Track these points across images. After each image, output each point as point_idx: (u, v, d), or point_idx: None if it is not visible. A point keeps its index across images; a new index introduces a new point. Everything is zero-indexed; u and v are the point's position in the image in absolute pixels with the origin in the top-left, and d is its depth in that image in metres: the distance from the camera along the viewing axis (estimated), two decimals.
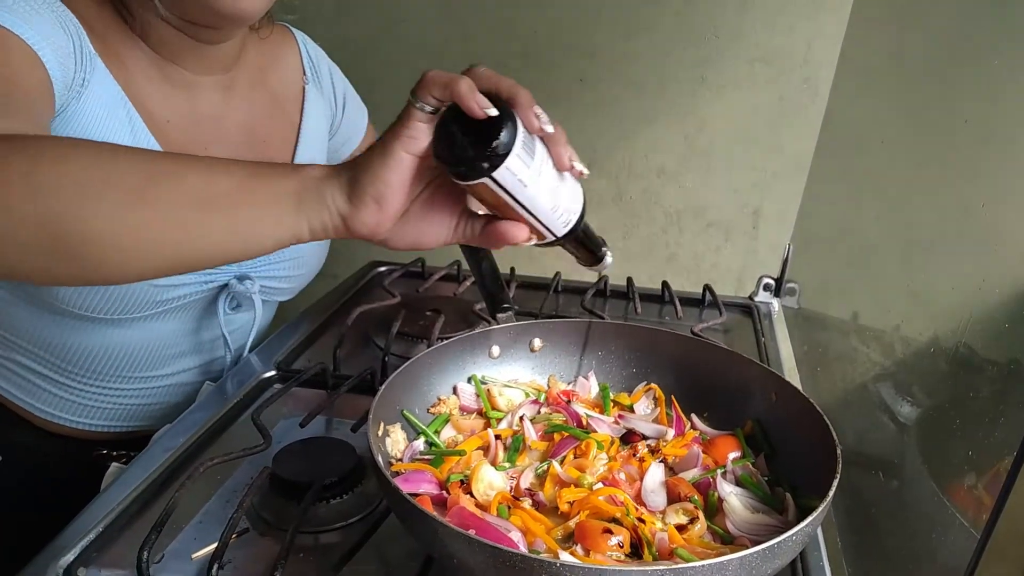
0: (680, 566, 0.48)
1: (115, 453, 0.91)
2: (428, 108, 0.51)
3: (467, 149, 0.51)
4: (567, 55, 1.47)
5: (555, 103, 1.48)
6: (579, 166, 0.57)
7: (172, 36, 0.78)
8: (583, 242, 0.62)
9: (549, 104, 1.09)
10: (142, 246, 0.51)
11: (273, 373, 0.90)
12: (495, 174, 0.51)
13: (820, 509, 0.52)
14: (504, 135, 0.50)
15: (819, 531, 0.66)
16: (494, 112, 0.50)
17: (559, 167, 0.56)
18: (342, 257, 1.62)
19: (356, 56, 1.50)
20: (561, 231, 0.59)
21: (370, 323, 1.02)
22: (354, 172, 0.53)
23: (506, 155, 0.51)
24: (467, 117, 0.50)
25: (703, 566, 0.47)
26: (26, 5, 0.67)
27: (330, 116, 1.01)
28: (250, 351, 0.96)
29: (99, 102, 0.74)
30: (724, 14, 1.39)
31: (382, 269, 1.23)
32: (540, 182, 0.54)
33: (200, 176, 0.52)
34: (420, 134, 0.52)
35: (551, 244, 0.61)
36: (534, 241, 0.60)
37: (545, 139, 0.55)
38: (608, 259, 0.65)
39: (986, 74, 0.69)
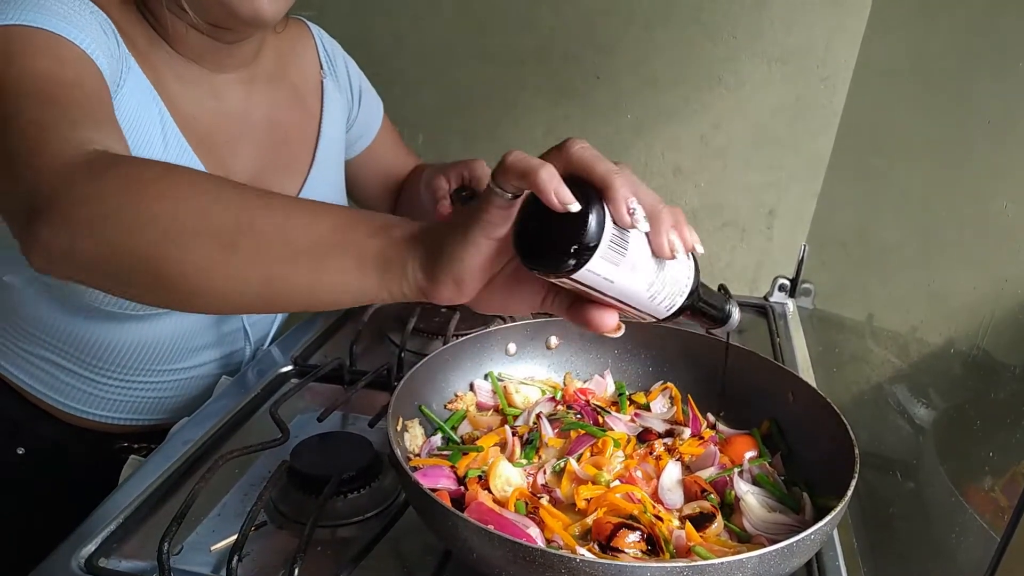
0: (699, 563, 0.48)
1: (135, 446, 0.93)
2: (508, 195, 0.45)
3: (545, 245, 0.45)
4: (584, 51, 1.47)
5: (571, 99, 1.49)
6: (691, 246, 0.50)
7: (194, 37, 0.80)
8: (698, 312, 0.55)
9: (566, 99, 1.10)
10: (231, 291, 0.51)
11: (290, 368, 0.90)
12: (575, 275, 0.45)
13: (839, 509, 0.52)
14: (588, 233, 0.44)
15: (835, 531, 0.66)
16: (576, 208, 0.44)
17: (659, 255, 0.48)
18: None
19: (372, 52, 1.50)
20: (663, 315, 0.52)
21: (386, 319, 1.02)
22: (433, 248, 0.49)
23: (589, 255, 0.44)
24: (548, 208, 0.44)
25: (722, 564, 0.48)
26: (67, 7, 0.68)
27: (347, 109, 1.02)
28: (270, 344, 0.97)
29: (134, 99, 0.76)
30: (743, 12, 1.39)
31: None
32: (633, 276, 0.47)
33: (289, 224, 0.51)
34: (500, 220, 0.46)
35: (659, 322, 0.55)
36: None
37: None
38: (735, 317, 0.58)
39: (1010, 74, 0.69)
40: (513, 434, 0.70)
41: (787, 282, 1.19)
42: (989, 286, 0.72)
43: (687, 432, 0.70)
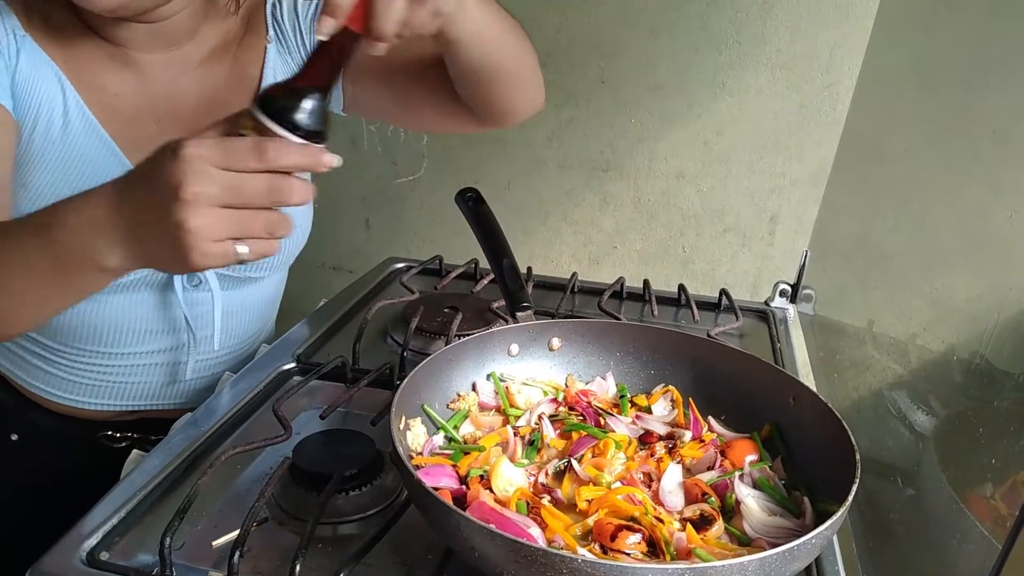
0: (700, 565, 0.48)
1: (118, 435, 0.94)
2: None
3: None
4: (589, 56, 1.47)
5: (576, 103, 1.49)
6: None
7: (111, 22, 0.79)
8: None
9: (570, 103, 1.10)
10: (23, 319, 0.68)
11: (292, 365, 0.91)
12: None
13: (840, 513, 0.52)
14: None
15: (834, 536, 0.66)
16: None
17: None
18: (359, 254, 1.64)
19: None
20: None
21: (388, 319, 1.03)
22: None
23: None
24: None
25: (723, 566, 0.48)
26: None
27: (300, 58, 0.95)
28: (219, 345, 0.96)
29: (30, 75, 0.78)
30: (747, 19, 1.39)
31: (400, 265, 1.24)
32: None
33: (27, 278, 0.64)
34: None
35: None
36: None
37: None
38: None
39: (1014, 83, 0.69)
40: (515, 434, 0.70)
41: (788, 287, 1.19)
42: (992, 295, 0.72)
43: (688, 435, 0.71)
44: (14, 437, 0.94)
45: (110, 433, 0.94)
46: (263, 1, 0.95)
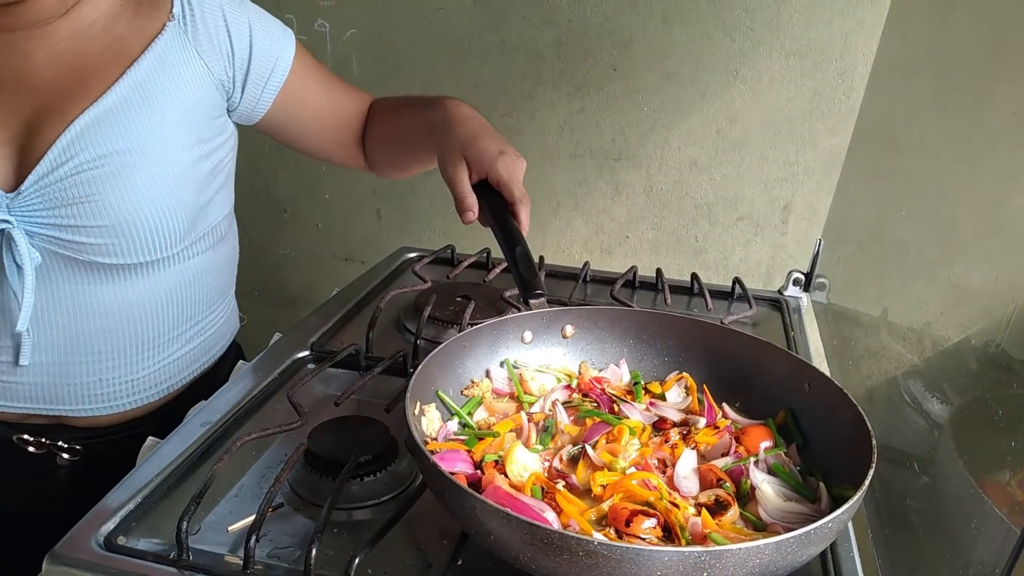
0: (716, 549, 0.48)
1: (30, 438, 0.90)
2: None
3: None
4: (601, 44, 1.47)
5: (588, 92, 1.49)
6: None
7: None
8: None
9: (582, 92, 1.09)
10: None
11: (307, 353, 0.91)
12: None
13: (856, 497, 0.52)
14: None
15: (851, 530, 0.66)
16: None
17: None
18: (371, 245, 1.65)
19: (391, 44, 1.51)
20: None
21: (401, 307, 1.03)
22: None
23: None
24: None
25: (739, 549, 0.48)
26: None
27: (212, 66, 0.90)
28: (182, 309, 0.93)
29: None
30: (761, 6, 1.38)
31: (412, 255, 1.24)
32: None
33: None
34: None
35: None
36: None
37: None
38: None
39: None
40: (529, 420, 0.70)
41: (802, 276, 1.19)
42: (1008, 282, 0.72)
43: (702, 421, 0.71)
44: None
45: (26, 437, 0.90)
46: None
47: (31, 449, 0.90)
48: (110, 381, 0.89)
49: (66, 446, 0.90)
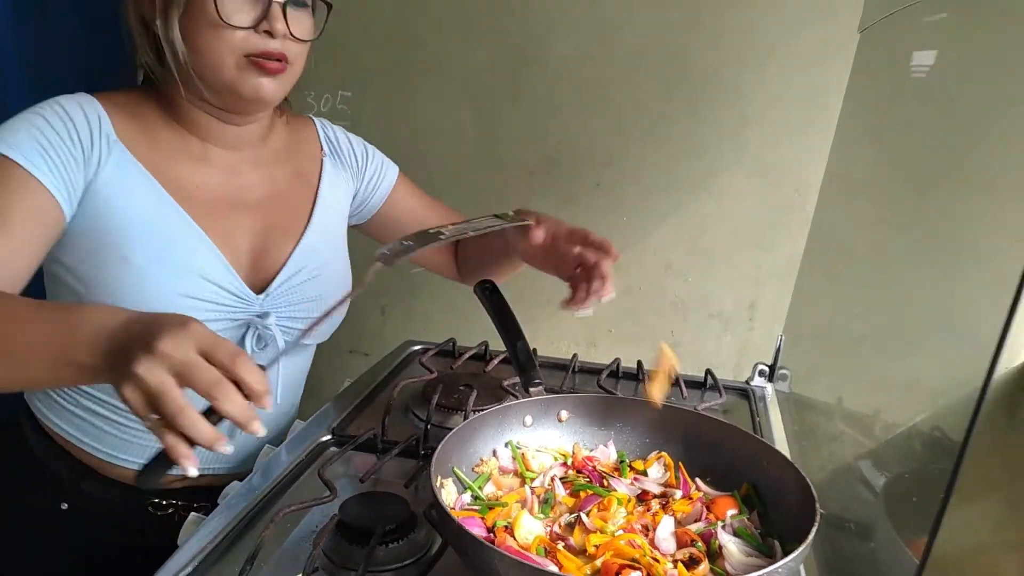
0: None
1: (164, 503, 1.03)
2: None
3: None
4: (587, 163, 1.60)
5: (574, 204, 1.62)
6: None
7: (206, 121, 0.97)
8: None
9: (569, 205, 1.26)
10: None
11: (329, 438, 1.01)
12: None
13: (802, 548, 0.64)
14: None
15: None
16: None
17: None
18: (375, 338, 1.76)
19: (400, 158, 1.66)
20: None
21: (409, 395, 1.13)
22: None
23: None
24: None
25: None
26: (38, 127, 0.87)
27: (351, 178, 1.17)
28: (278, 400, 1.06)
29: (116, 179, 0.91)
30: (726, 134, 1.53)
31: (416, 347, 1.35)
32: None
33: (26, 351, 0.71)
34: None
35: None
36: None
37: None
38: None
39: (961, 188, 0.77)
40: (531, 493, 0.81)
41: (766, 368, 1.29)
42: (949, 373, 0.77)
43: (679, 493, 0.82)
44: (64, 506, 1.01)
45: (157, 500, 1.03)
46: (310, 121, 1.13)
47: (161, 512, 1.04)
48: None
49: (196, 506, 1.01)
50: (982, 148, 0.71)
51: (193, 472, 0.64)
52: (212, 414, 0.64)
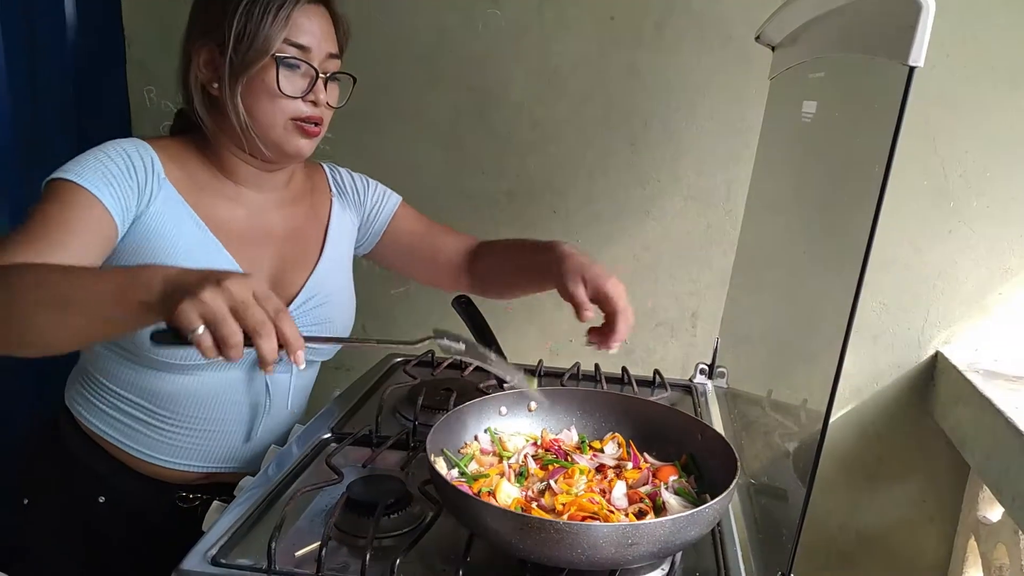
0: (635, 523, 0.76)
1: (191, 496, 1.16)
2: None
3: None
4: (543, 192, 1.75)
5: (533, 230, 1.75)
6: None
7: (243, 169, 1.13)
8: None
9: (529, 230, 1.44)
10: (62, 340, 0.84)
11: (329, 435, 1.14)
12: None
13: (726, 493, 0.79)
14: None
15: (735, 531, 0.92)
16: None
17: None
18: (357, 354, 1.87)
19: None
20: None
21: (396, 399, 1.26)
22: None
23: None
24: None
25: (648, 523, 0.75)
26: (104, 162, 1.01)
27: (354, 214, 1.31)
28: (290, 406, 1.21)
29: (164, 211, 1.05)
30: (664, 164, 1.69)
31: (398, 359, 1.47)
32: None
33: (91, 294, 0.81)
34: None
35: None
36: None
37: None
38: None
39: (843, 205, 0.87)
40: (509, 468, 0.97)
41: (706, 367, 1.43)
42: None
43: (630, 464, 0.97)
44: (101, 499, 1.13)
45: (184, 494, 1.16)
46: (320, 167, 1.30)
47: (187, 505, 1.16)
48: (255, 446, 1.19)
49: (218, 499, 1.10)
50: (852, 176, 0.84)
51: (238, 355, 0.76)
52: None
